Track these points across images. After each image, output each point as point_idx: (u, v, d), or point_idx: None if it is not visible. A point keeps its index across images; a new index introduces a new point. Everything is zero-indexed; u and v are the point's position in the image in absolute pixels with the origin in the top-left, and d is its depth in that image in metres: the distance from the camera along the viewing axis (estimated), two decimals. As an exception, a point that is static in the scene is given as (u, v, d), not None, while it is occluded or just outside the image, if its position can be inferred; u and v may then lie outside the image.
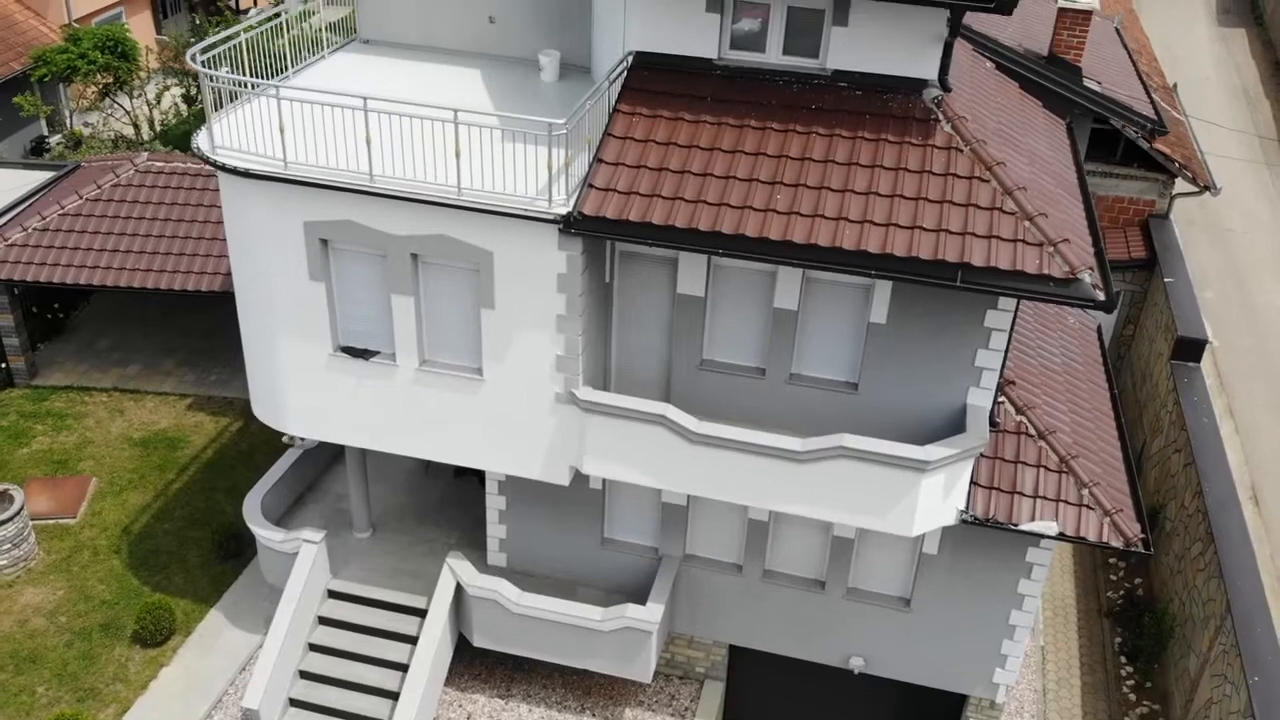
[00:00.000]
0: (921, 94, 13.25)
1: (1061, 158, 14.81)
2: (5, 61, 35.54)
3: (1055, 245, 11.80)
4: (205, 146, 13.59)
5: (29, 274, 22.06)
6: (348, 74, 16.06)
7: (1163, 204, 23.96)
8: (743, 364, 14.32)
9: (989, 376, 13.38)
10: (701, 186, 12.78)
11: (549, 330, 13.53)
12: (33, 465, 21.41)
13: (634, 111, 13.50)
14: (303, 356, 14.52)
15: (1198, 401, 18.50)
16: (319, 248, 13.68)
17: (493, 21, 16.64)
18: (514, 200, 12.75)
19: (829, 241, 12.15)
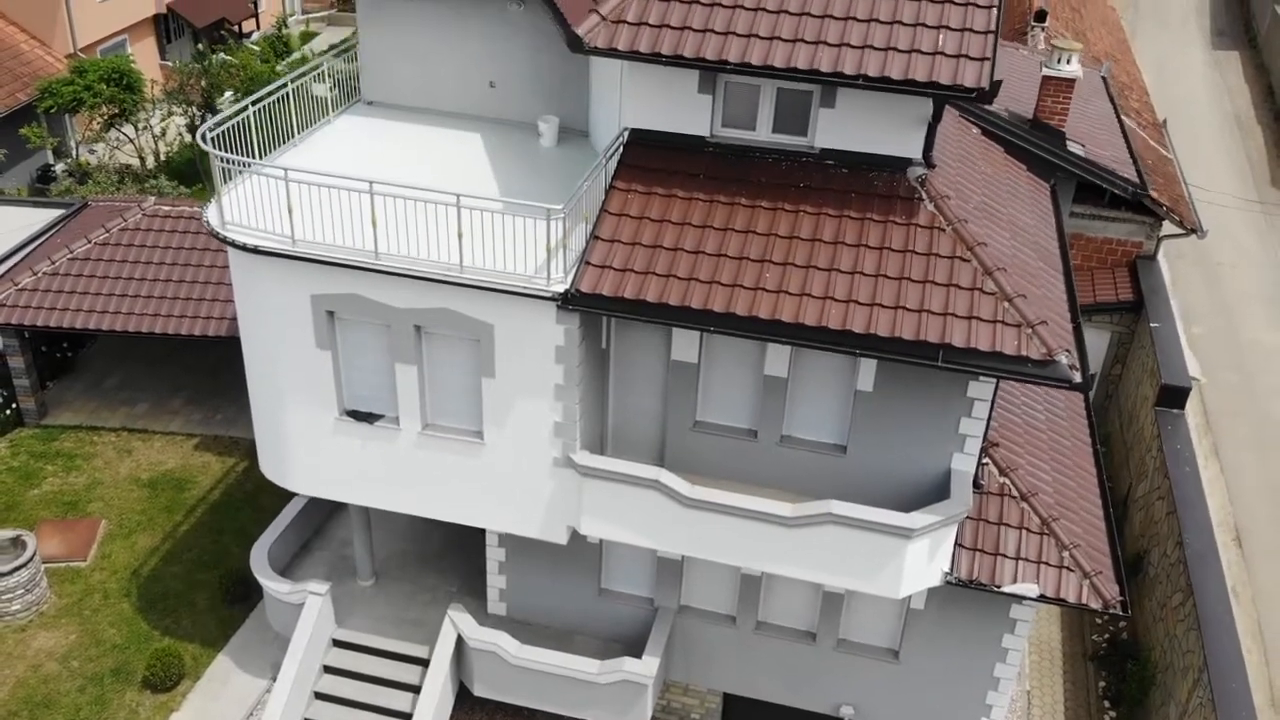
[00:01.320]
0: (906, 172, 13.74)
1: (1044, 226, 15.28)
2: (11, 92, 36.10)
3: (1033, 327, 12.28)
4: (215, 221, 14.07)
5: (39, 319, 22.54)
6: (352, 139, 16.53)
7: (1150, 245, 24.42)
8: (735, 426, 14.78)
9: (972, 443, 13.86)
10: (694, 264, 13.27)
11: (547, 398, 14.02)
12: (43, 506, 21.89)
13: (629, 188, 13.99)
14: (309, 419, 15.00)
15: (1180, 450, 18.96)
16: (325, 318, 14.17)
17: (493, 86, 17.13)
18: (514, 278, 13.23)
19: (815, 321, 12.63)
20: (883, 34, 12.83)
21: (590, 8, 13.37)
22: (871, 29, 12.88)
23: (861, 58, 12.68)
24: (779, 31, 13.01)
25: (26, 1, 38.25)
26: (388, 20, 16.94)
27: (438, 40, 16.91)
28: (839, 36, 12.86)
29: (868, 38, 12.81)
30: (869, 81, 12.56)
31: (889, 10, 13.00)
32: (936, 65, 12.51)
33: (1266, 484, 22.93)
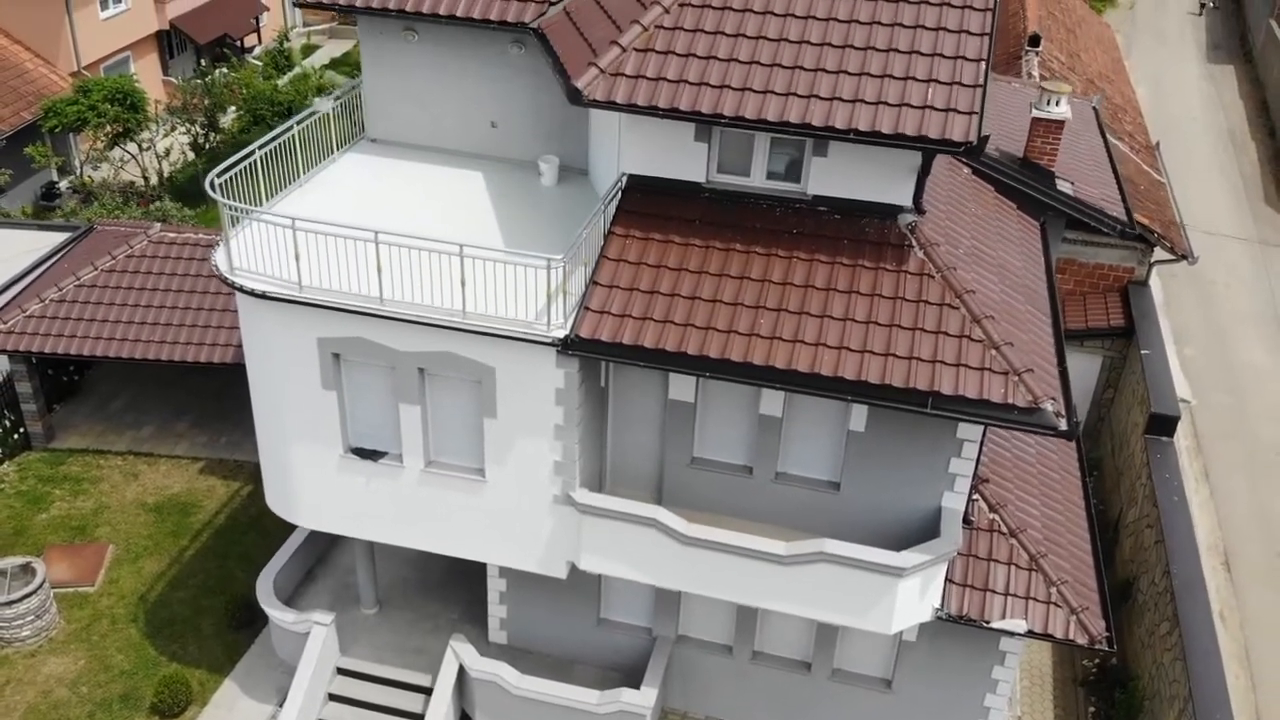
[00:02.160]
0: (897, 219, 14.10)
1: (1033, 268, 15.64)
2: (16, 111, 36.47)
3: (1020, 375, 12.63)
4: (224, 266, 14.43)
5: (46, 345, 22.89)
6: (357, 179, 16.87)
7: (1142, 271, 24.79)
8: (731, 462, 15.14)
9: (962, 482, 14.21)
10: (690, 310, 13.62)
11: (548, 438, 14.38)
12: (51, 531, 22.24)
13: (627, 233, 14.35)
14: (315, 456, 15.37)
15: (1169, 479, 19.31)
16: (331, 360, 14.53)
17: (495, 126, 17.48)
18: (515, 324, 13.59)
19: (808, 368, 12.98)
20: (873, 88, 13.18)
21: (589, 61, 13.72)
22: (863, 82, 13.23)
23: (852, 112, 13.03)
24: (772, 85, 13.36)
25: (31, 20, 38.63)
26: (391, 61, 17.29)
27: (440, 81, 17.26)
28: (831, 90, 13.21)
29: (859, 91, 13.17)
30: (860, 136, 12.92)
31: (880, 64, 13.35)
32: (925, 120, 12.86)
33: (1256, 508, 23.27)
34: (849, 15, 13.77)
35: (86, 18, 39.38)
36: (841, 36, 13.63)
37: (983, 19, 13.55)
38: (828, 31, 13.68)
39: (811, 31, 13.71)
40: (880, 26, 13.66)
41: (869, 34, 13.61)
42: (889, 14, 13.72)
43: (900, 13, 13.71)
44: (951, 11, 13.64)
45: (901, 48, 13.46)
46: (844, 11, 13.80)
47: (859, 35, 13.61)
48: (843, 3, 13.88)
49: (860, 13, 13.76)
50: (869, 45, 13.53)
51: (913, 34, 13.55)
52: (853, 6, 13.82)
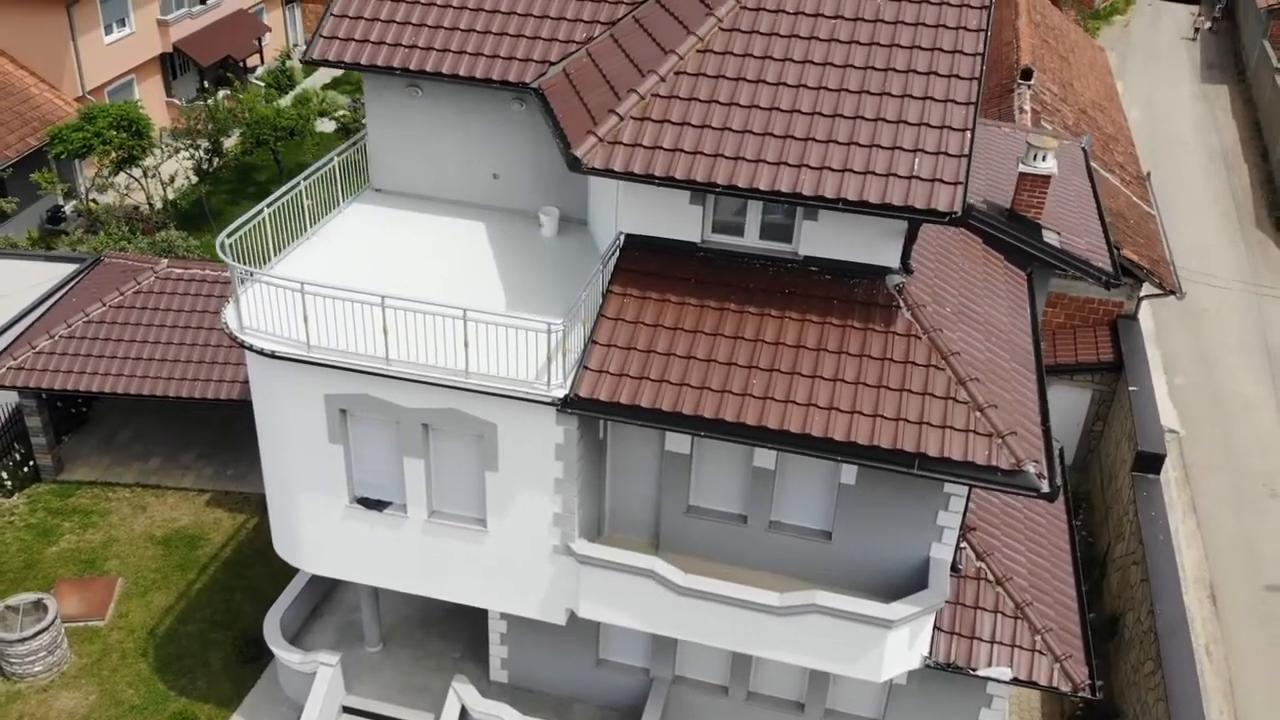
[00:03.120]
0: (885, 279, 14.56)
1: (1018, 322, 16.10)
2: (22, 137, 36.94)
3: (1004, 437, 13.09)
4: (233, 325, 14.90)
5: (55, 382, 23.36)
6: (362, 231, 17.30)
7: (1131, 305, 25.28)
8: (726, 511, 15.59)
9: (949, 534, 14.66)
10: (685, 369, 14.08)
11: (548, 491, 14.84)
12: (61, 564, 22.69)
13: (625, 293, 14.81)
14: (321, 505, 15.83)
15: (1155, 518, 19.77)
16: (338, 415, 15.00)
17: (497, 178, 17.94)
18: (516, 384, 14.05)
19: (799, 428, 13.44)
20: (861, 157, 13.64)
21: (588, 129, 14.17)
22: (851, 151, 13.69)
23: (841, 181, 13.49)
24: (764, 154, 13.82)
25: (36, 45, 39.08)
26: (395, 115, 17.75)
27: (443, 134, 17.72)
28: (820, 159, 13.67)
29: (847, 161, 13.62)
30: (848, 205, 13.38)
31: (868, 133, 13.81)
32: (912, 190, 13.32)
33: (1242, 541, 23.73)
34: (839, 84, 14.22)
35: (91, 42, 39.84)
36: (831, 105, 14.08)
37: (969, 88, 14.00)
38: (818, 100, 14.14)
39: (802, 101, 14.17)
40: (869, 95, 14.11)
41: (858, 103, 14.07)
42: (877, 83, 14.18)
43: (888, 81, 14.16)
44: (938, 80, 14.09)
45: (889, 116, 13.92)
46: (834, 81, 14.26)
47: (848, 104, 14.07)
48: (833, 72, 14.33)
49: (850, 82, 14.22)
50: (858, 114, 13.98)
51: (900, 103, 14.01)
52: (842, 76, 14.28)
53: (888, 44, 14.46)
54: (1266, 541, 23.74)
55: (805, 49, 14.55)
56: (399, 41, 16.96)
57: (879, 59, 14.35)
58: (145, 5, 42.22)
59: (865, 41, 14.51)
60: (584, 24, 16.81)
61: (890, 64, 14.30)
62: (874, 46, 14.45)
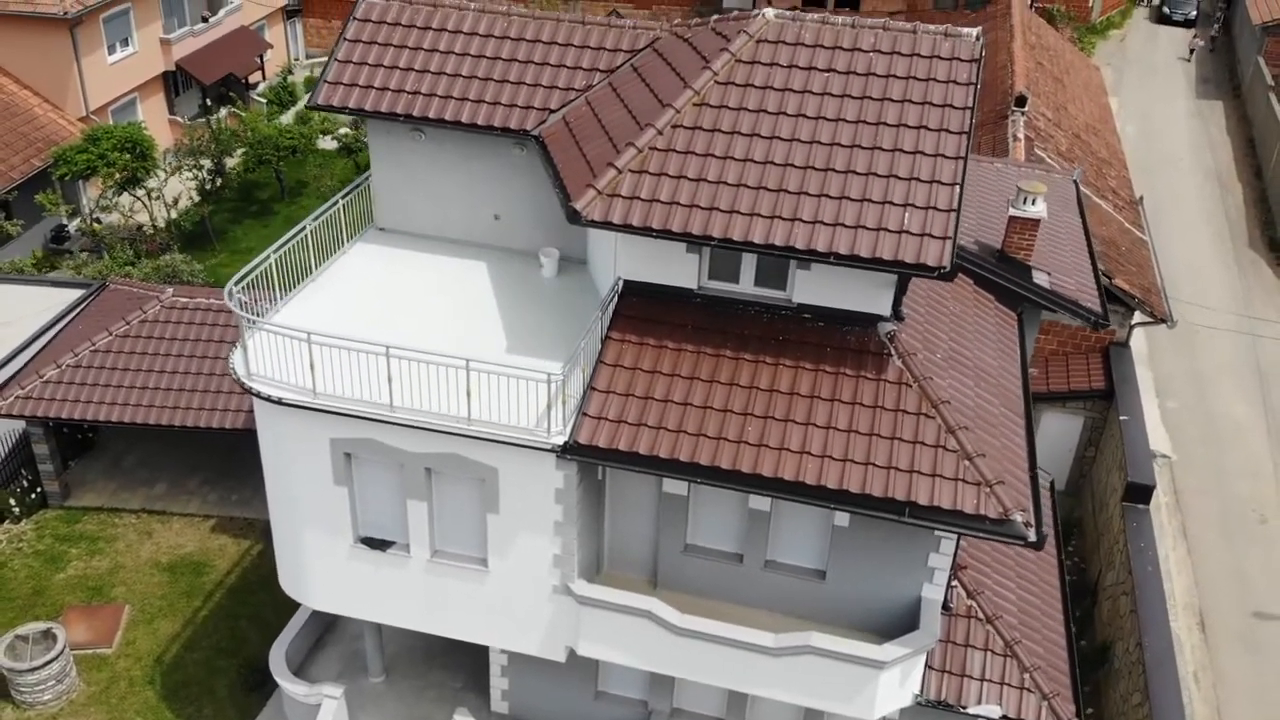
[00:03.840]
0: (876, 327, 14.92)
1: (1008, 364, 16.46)
2: (27, 158, 37.33)
3: (991, 486, 13.45)
4: (241, 372, 15.26)
5: (63, 411, 23.73)
6: (367, 272, 17.65)
7: (1123, 333, 25.64)
8: (723, 550, 15.95)
9: (940, 575, 15.02)
10: (682, 416, 14.44)
11: (547, 533, 15.21)
12: (69, 591, 23.05)
13: (623, 339, 15.18)
14: (326, 545, 16.21)
15: (1144, 549, 20.13)
16: (343, 459, 15.37)
17: (498, 219, 18.30)
18: (517, 431, 14.42)
19: (793, 476, 13.81)
20: (853, 211, 14.00)
21: (587, 182, 14.54)
22: (843, 206, 14.06)
23: (833, 235, 13.86)
24: (758, 208, 14.19)
25: (40, 66, 39.44)
26: (398, 157, 18.12)
27: (445, 176, 18.08)
28: (813, 213, 14.03)
29: (839, 215, 13.99)
30: (839, 259, 13.75)
31: (859, 187, 14.18)
32: (902, 244, 13.69)
33: (1231, 567, 24.08)
34: (831, 139, 14.60)
35: (95, 63, 40.19)
36: (824, 160, 14.45)
37: (958, 142, 14.37)
38: (811, 155, 14.51)
39: (795, 155, 14.54)
40: (860, 150, 14.48)
41: (849, 157, 14.44)
42: (869, 137, 14.55)
43: (879, 136, 14.54)
44: (928, 135, 14.47)
45: (880, 171, 14.29)
46: (826, 135, 14.63)
47: (840, 158, 14.44)
48: (825, 126, 14.70)
49: (842, 136, 14.59)
50: (849, 169, 14.35)
51: (891, 157, 14.38)
52: (835, 130, 14.65)
53: (879, 98, 14.83)
54: (1255, 567, 24.10)
55: (799, 103, 14.91)
56: (402, 88, 17.32)
57: (870, 113, 14.72)
58: (148, 25, 42.60)
59: (857, 96, 14.88)
60: (583, 71, 17.17)
61: (881, 118, 14.66)
62: (866, 101, 14.82)
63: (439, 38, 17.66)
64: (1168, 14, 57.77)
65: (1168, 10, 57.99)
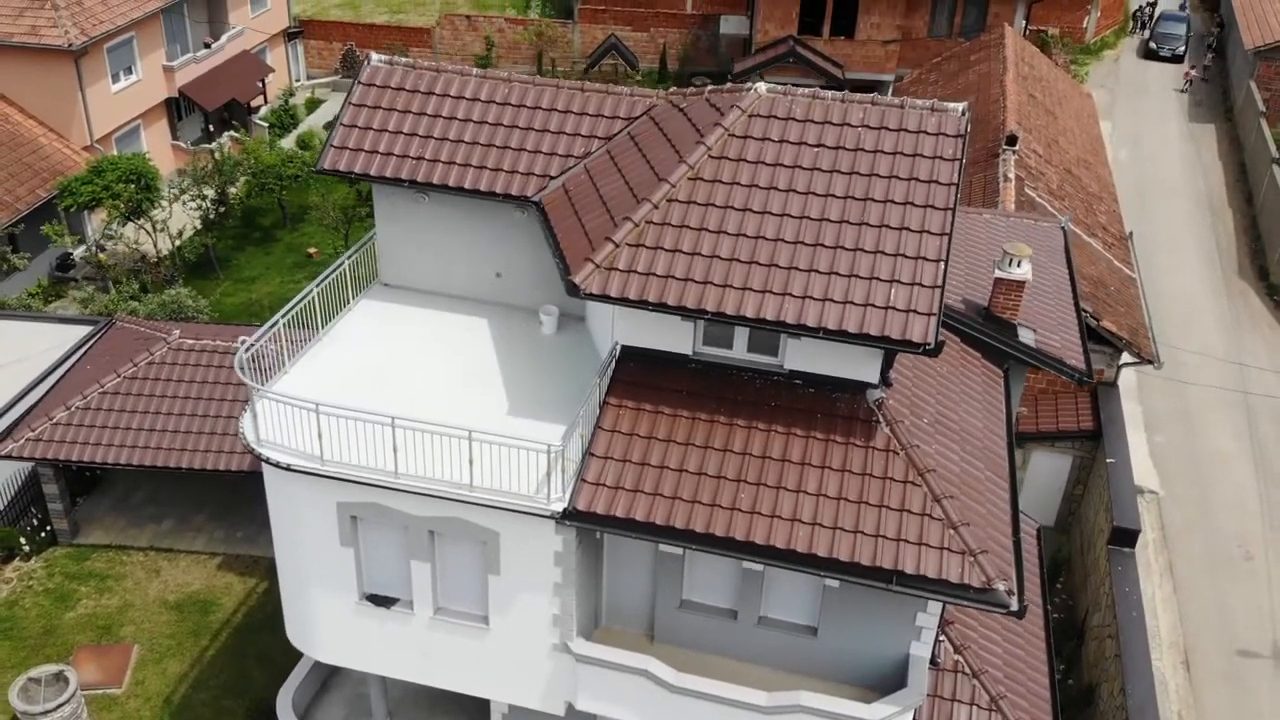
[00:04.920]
0: (865, 394, 15.44)
1: (993, 425, 16.97)
2: (32, 189, 37.87)
3: (975, 556, 13.96)
4: (250, 437, 15.77)
5: (73, 453, 24.26)
6: (373, 331, 18.12)
7: (1111, 373, 26.17)
8: (717, 606, 16.46)
9: (928, 633, 15.52)
10: (677, 483, 14.95)
11: (547, 594, 15.72)
12: (80, 630, 23.56)
13: (620, 404, 15.68)
14: (333, 601, 16.72)
15: (1129, 593, 20.64)
16: (349, 521, 15.89)
17: (499, 276, 18.81)
18: (517, 498, 14.93)
19: (784, 544, 14.32)
20: (841, 286, 14.52)
21: (585, 256, 15.05)
22: (832, 281, 14.56)
23: (822, 311, 14.37)
24: (751, 282, 14.70)
25: (44, 96, 39.97)
26: (403, 218, 18.63)
27: (448, 236, 18.59)
28: (803, 288, 14.55)
29: (828, 290, 14.50)
30: (828, 334, 14.27)
31: (848, 263, 14.69)
32: (888, 320, 14.20)
33: (1216, 605, 24.60)
34: (820, 213, 15.11)
35: (99, 92, 40.71)
36: (813, 234, 14.96)
37: (943, 218, 14.88)
38: (801, 229, 15.02)
39: (786, 229, 15.05)
40: (848, 225, 15.00)
41: (838, 232, 14.95)
42: (856, 213, 15.06)
43: (867, 211, 15.05)
44: (914, 211, 14.98)
45: (867, 246, 14.80)
46: (815, 210, 15.14)
47: (828, 233, 14.95)
48: (815, 201, 15.21)
49: (830, 211, 15.10)
50: (838, 244, 14.87)
51: (878, 233, 14.89)
52: (824, 205, 15.16)
53: (867, 174, 15.34)
54: (1239, 605, 24.61)
55: (789, 178, 15.43)
56: (406, 153, 17.81)
57: (858, 189, 15.24)
58: (151, 52, 43.12)
59: (846, 171, 15.39)
60: (582, 138, 17.67)
61: (869, 194, 15.18)
62: (854, 176, 15.34)
63: (442, 103, 18.15)
64: (1154, 49, 56.82)
65: (1155, 46, 57.00)
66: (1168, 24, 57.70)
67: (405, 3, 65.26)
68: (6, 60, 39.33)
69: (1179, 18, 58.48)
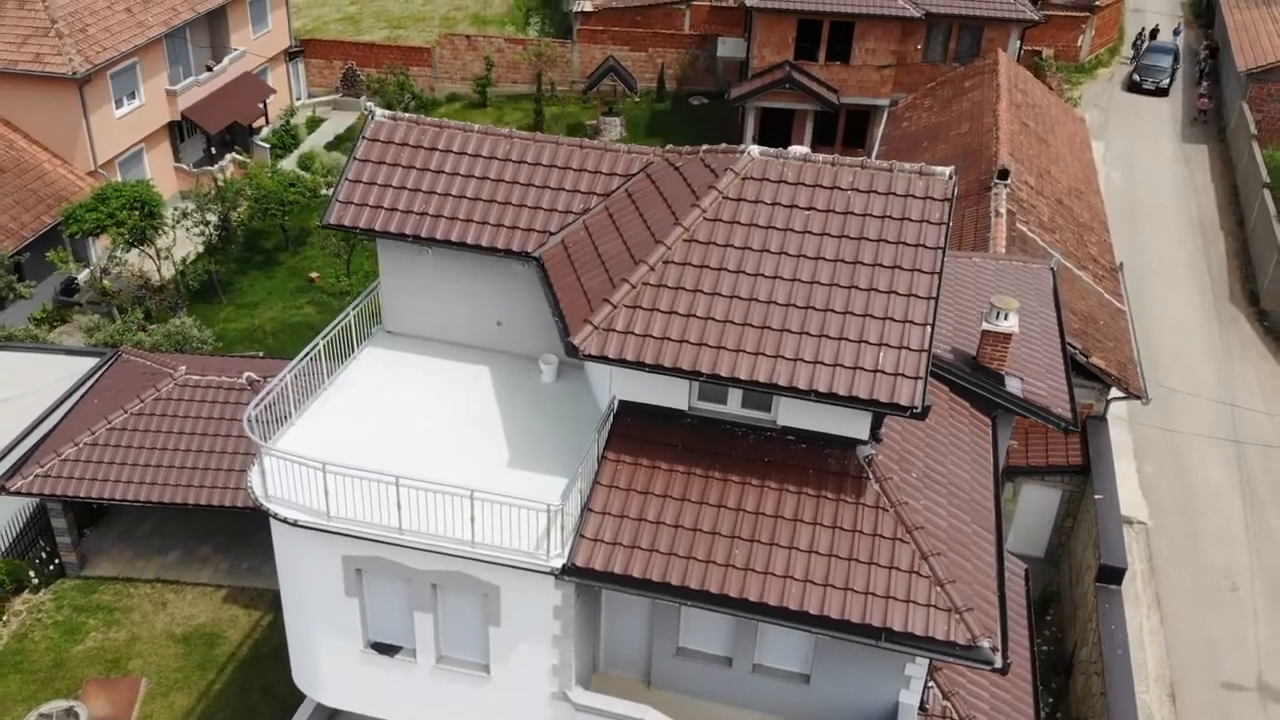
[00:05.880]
0: (856, 450, 15.91)
1: (981, 478, 17.44)
2: (37, 215, 38.38)
3: (961, 614, 14.43)
4: (259, 493, 16.23)
5: (82, 489, 24.76)
6: (377, 380, 18.57)
7: (1100, 407, 26.65)
8: (713, 654, 16.95)
9: (916, 682, 16.00)
10: (674, 539, 15.42)
11: (546, 645, 16.19)
12: (88, 664, 24.03)
13: (619, 459, 16.15)
14: (338, 648, 17.19)
15: (1115, 632, 21.11)
16: (354, 574, 16.36)
17: (500, 325, 19.27)
18: (517, 554, 15.40)
19: (777, 601, 14.79)
20: (831, 349, 14.98)
21: (584, 318, 15.53)
22: (822, 344, 15.03)
23: (812, 374, 14.84)
24: (744, 344, 15.17)
25: (49, 122, 40.48)
26: (407, 269, 19.07)
27: (450, 286, 19.01)
28: (794, 351, 15.01)
29: (818, 354, 14.97)
30: (819, 397, 14.74)
31: (837, 326, 15.16)
32: (876, 383, 14.67)
33: (1201, 637, 25.08)
34: (811, 276, 15.58)
35: (103, 118, 41.22)
36: (804, 297, 15.43)
37: (930, 282, 15.35)
38: (792, 292, 15.49)
39: (778, 291, 15.52)
40: (838, 288, 15.46)
41: (828, 295, 15.42)
42: (846, 276, 15.53)
43: (856, 275, 15.52)
44: (901, 274, 15.45)
45: (856, 310, 15.27)
46: (806, 273, 15.61)
47: (819, 296, 15.42)
48: (805, 264, 15.68)
49: (821, 274, 15.57)
50: (828, 306, 15.34)
51: (867, 296, 15.35)
52: (814, 268, 15.63)
53: (856, 237, 15.81)
54: (1225, 637, 25.09)
55: (781, 240, 15.90)
56: (409, 208, 18.25)
57: (848, 252, 15.71)
58: (154, 77, 43.62)
59: (836, 234, 15.86)
60: (581, 195, 18.12)
61: (859, 258, 15.65)
62: (844, 240, 15.80)
63: (444, 158, 18.60)
64: (1138, 81, 55.31)
65: (1138, 78, 55.53)
66: (1153, 55, 56.20)
67: (405, 17, 65.76)
68: (12, 87, 39.83)
69: (1165, 49, 56.78)
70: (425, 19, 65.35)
